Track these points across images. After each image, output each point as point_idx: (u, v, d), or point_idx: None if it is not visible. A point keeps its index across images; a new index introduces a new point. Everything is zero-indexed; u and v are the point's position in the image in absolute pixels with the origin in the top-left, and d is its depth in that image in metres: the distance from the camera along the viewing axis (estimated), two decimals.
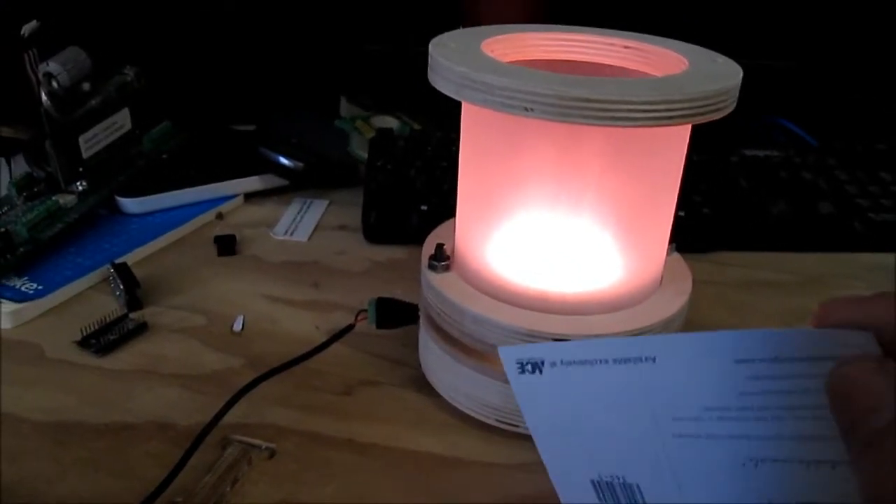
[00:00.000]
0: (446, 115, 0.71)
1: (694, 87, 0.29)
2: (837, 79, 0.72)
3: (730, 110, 0.31)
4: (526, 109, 0.28)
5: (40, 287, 0.46)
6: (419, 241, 0.39)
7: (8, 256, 0.46)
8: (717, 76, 0.31)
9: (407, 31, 0.71)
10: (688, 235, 0.38)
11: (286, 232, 0.55)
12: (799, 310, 0.47)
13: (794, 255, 0.54)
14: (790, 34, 0.70)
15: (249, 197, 0.60)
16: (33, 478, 0.33)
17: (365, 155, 0.65)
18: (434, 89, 0.32)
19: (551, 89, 0.28)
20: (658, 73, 0.35)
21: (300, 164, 0.59)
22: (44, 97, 0.48)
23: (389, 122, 0.71)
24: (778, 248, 0.55)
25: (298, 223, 0.56)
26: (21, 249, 0.47)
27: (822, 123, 0.72)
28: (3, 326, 0.43)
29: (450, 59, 0.31)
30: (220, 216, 0.57)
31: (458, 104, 0.34)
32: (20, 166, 0.81)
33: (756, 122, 0.72)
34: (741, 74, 0.32)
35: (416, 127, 0.71)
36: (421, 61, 0.34)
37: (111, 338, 0.42)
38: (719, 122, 0.31)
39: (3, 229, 0.47)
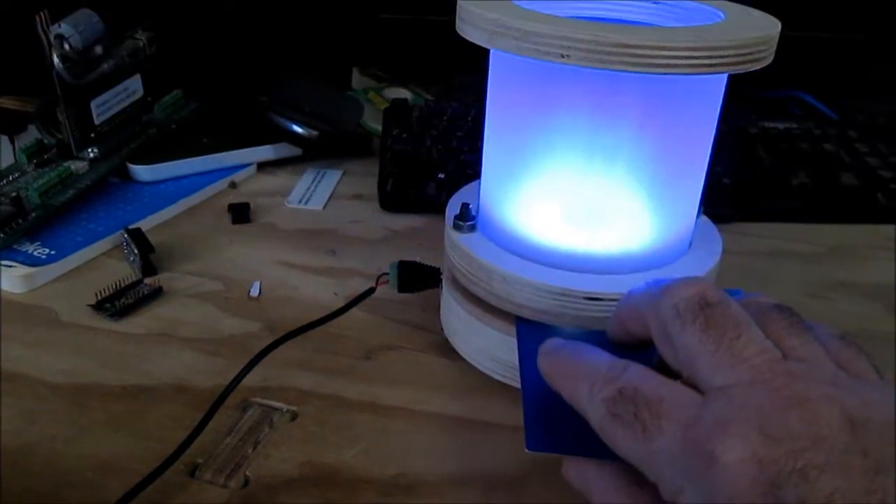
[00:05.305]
0: (458, 87, 0.71)
1: (734, 35, 0.28)
2: (857, 51, 0.71)
3: (768, 61, 0.30)
4: (562, 56, 0.27)
5: (53, 252, 0.45)
6: (436, 209, 0.38)
7: (20, 221, 0.46)
8: (756, 26, 0.30)
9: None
10: (708, 205, 0.37)
11: (301, 200, 0.54)
12: (826, 279, 0.47)
13: (817, 226, 0.53)
14: (809, 4, 0.69)
15: (262, 167, 0.59)
16: (51, 438, 0.33)
17: (376, 126, 0.64)
18: (446, 61, 0.31)
19: (589, 34, 0.27)
20: None
21: (314, 133, 0.58)
22: (56, 60, 0.47)
23: (402, 94, 0.70)
24: (799, 219, 0.54)
25: (313, 192, 0.55)
26: (33, 215, 0.46)
27: (839, 97, 0.71)
28: (15, 290, 0.43)
29: (481, 6, 0.30)
30: (233, 185, 0.56)
31: (474, 74, 0.33)
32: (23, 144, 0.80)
33: (773, 95, 0.71)
34: (780, 25, 0.31)
35: (429, 98, 0.70)
36: (435, 30, 0.33)
37: (126, 302, 0.41)
38: (737, 92, 0.30)
39: (14, 194, 0.47)
